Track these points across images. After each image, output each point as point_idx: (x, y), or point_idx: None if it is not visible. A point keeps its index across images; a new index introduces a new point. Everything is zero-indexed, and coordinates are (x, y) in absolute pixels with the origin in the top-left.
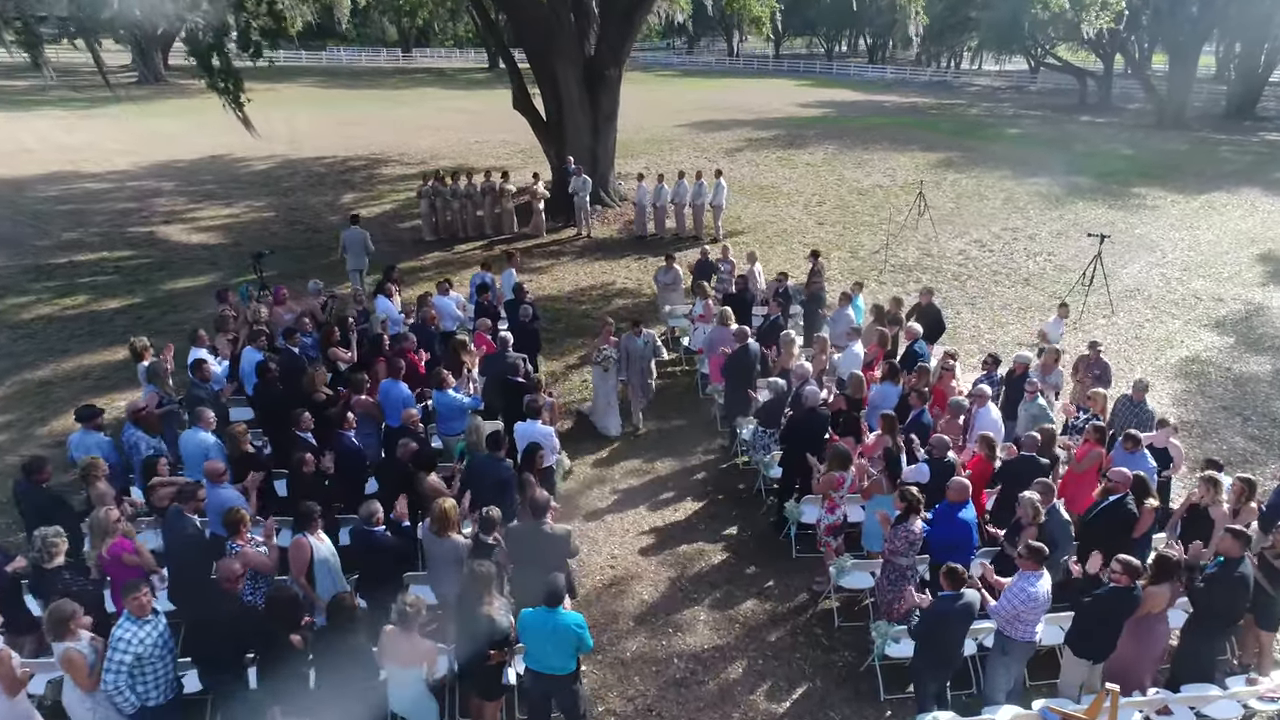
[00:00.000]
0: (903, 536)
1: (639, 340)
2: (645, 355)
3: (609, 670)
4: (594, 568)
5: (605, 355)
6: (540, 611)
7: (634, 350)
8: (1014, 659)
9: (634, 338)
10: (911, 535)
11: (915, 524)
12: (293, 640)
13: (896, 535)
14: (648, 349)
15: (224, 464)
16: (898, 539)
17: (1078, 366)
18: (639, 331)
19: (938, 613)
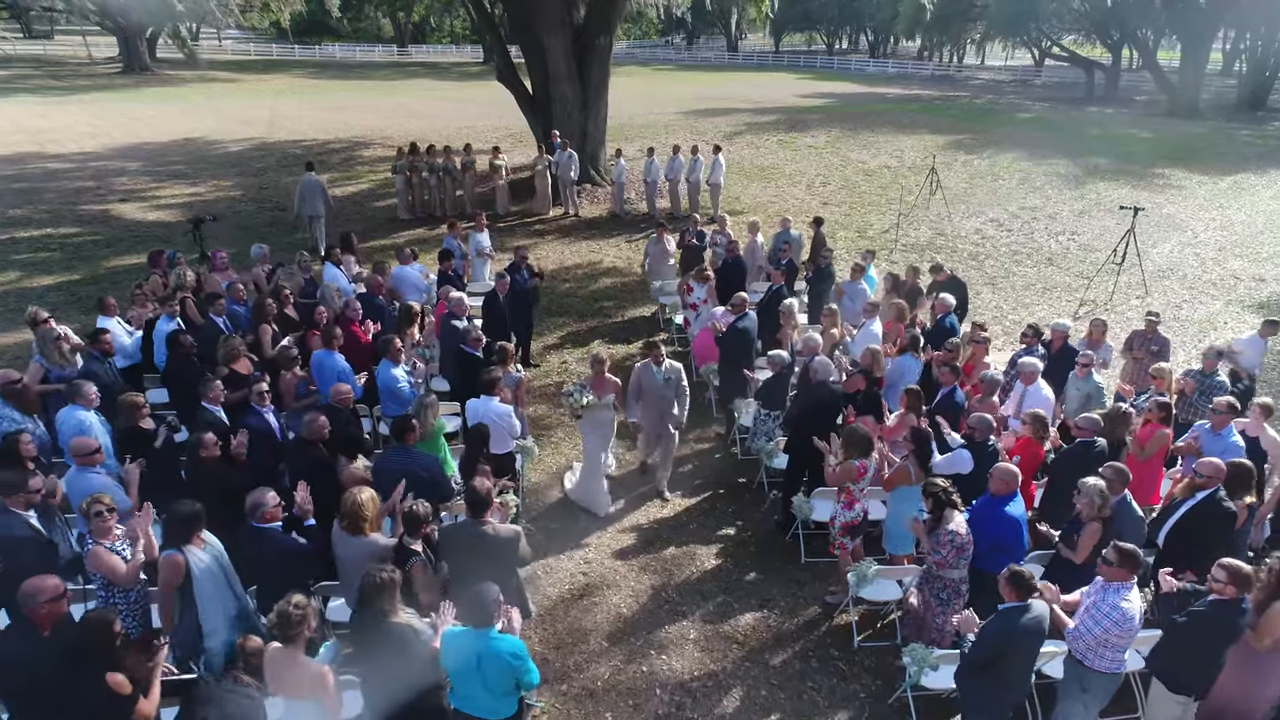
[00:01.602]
0: (949, 542)
1: (657, 372)
2: (666, 394)
3: (574, 704)
4: (562, 574)
5: (572, 394)
6: (465, 634)
7: (651, 387)
8: (1095, 696)
9: (651, 369)
10: (959, 539)
11: (959, 523)
12: (110, 682)
13: (942, 542)
14: (670, 386)
15: (97, 443)
16: (944, 546)
17: (1131, 342)
18: (658, 358)
19: (1002, 632)
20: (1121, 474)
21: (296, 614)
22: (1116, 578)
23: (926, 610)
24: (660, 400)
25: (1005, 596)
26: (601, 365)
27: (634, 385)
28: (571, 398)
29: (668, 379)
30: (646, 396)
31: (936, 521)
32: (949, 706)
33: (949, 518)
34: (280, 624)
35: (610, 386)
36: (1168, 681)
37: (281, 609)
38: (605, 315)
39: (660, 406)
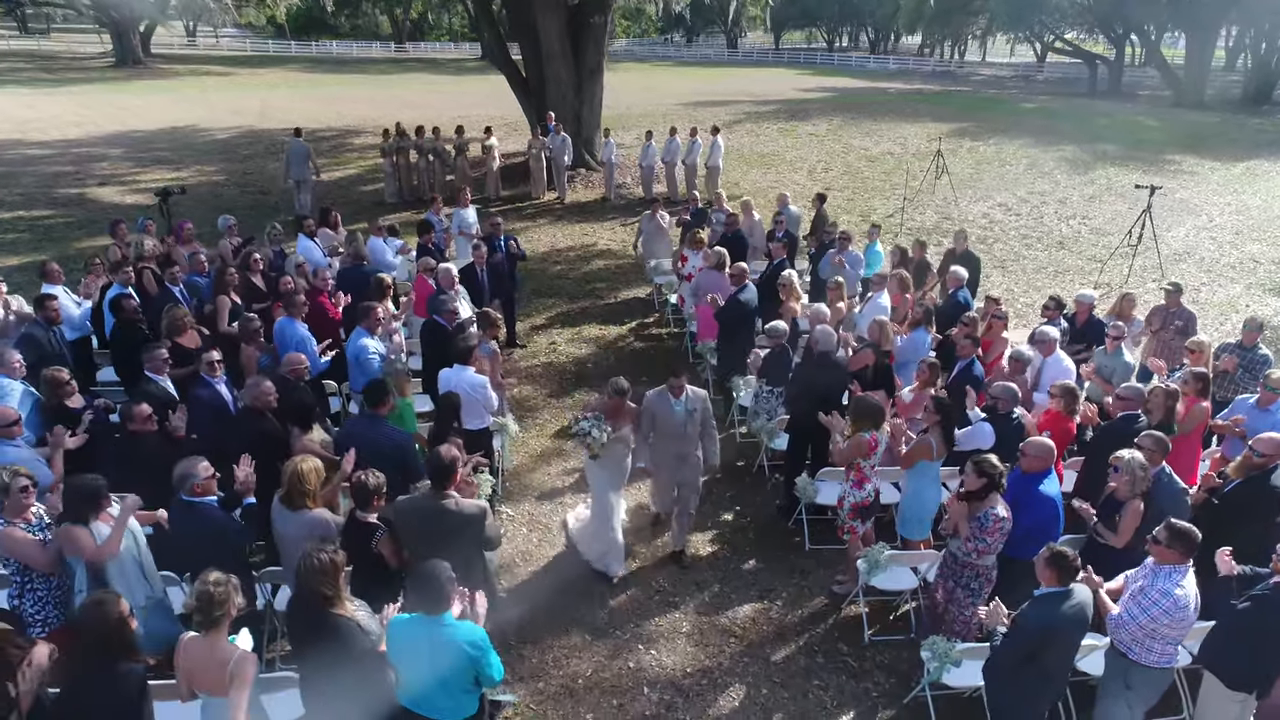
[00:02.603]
0: (997, 529)
1: (676, 404)
2: (688, 433)
3: (552, 704)
4: (542, 562)
5: (589, 431)
6: (414, 621)
7: (668, 420)
8: (1140, 695)
9: (668, 400)
10: (1005, 525)
11: (1004, 507)
12: None
13: (989, 528)
14: (693, 422)
15: (16, 414)
16: (992, 533)
17: (1153, 316)
18: (679, 388)
19: (1041, 621)
20: (1161, 443)
21: (219, 592)
22: (1168, 560)
23: (950, 601)
24: (680, 440)
25: (1044, 581)
26: (622, 396)
27: (645, 421)
28: (589, 436)
29: (690, 412)
30: (662, 435)
31: (981, 502)
32: (971, 707)
33: (993, 500)
34: (200, 606)
35: (629, 416)
36: (1224, 676)
37: (200, 589)
38: (597, 296)
39: (680, 448)
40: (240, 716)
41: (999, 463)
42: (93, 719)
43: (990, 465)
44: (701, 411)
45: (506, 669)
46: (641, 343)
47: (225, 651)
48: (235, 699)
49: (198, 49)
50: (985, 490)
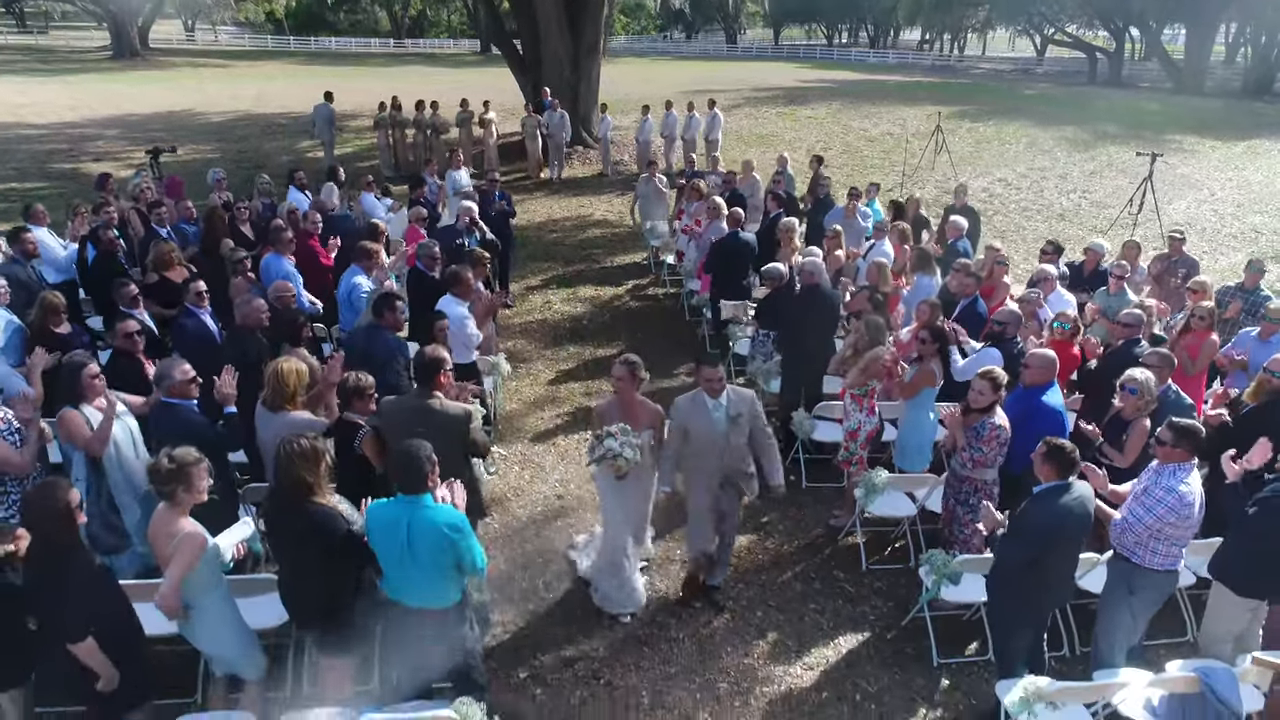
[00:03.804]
0: (994, 438)
1: (714, 407)
2: (734, 443)
3: (542, 625)
4: (535, 498)
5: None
6: (392, 503)
7: (706, 431)
8: (1144, 601)
9: (704, 403)
10: (1003, 435)
11: (1002, 417)
12: None
13: (986, 437)
14: (741, 425)
15: None
16: (989, 442)
17: (1155, 265)
18: (716, 385)
19: (1042, 517)
20: (1167, 359)
21: (166, 466)
22: (1173, 459)
23: (950, 521)
24: (723, 454)
25: (1043, 476)
26: (633, 377)
27: (674, 433)
28: (621, 459)
29: (734, 418)
30: (698, 451)
31: (983, 413)
32: (971, 629)
33: (991, 411)
34: (154, 476)
35: (647, 416)
36: (1233, 584)
37: (157, 460)
38: (593, 260)
39: (725, 464)
40: (169, 590)
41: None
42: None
43: (996, 375)
44: (749, 417)
45: (497, 592)
46: (637, 302)
47: (174, 526)
48: (170, 573)
49: (196, 45)
50: (991, 405)
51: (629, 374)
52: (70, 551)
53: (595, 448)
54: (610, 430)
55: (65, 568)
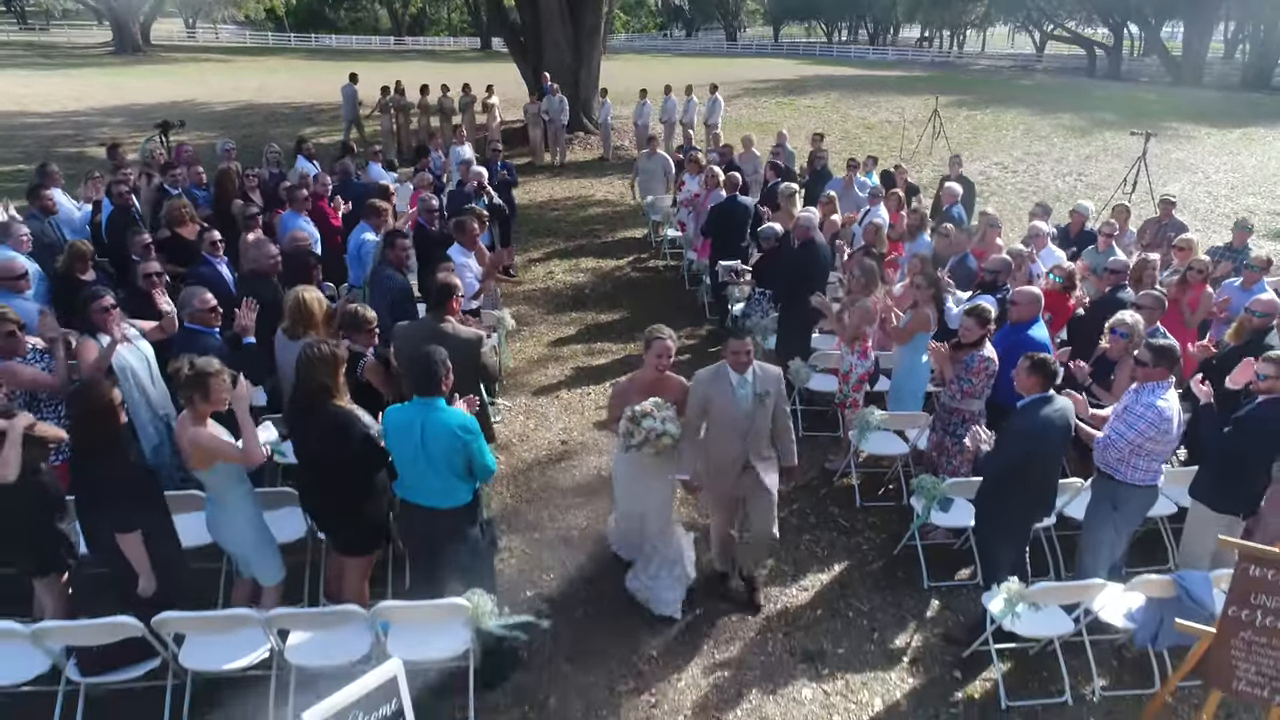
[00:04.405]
0: (983, 369)
1: (741, 385)
2: (758, 425)
3: (547, 549)
4: (539, 443)
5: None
6: (408, 406)
7: (728, 409)
8: (1126, 516)
9: (726, 378)
10: (991, 367)
11: (990, 350)
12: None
13: (974, 368)
14: (766, 405)
15: (25, 268)
16: (978, 373)
17: (1145, 229)
18: (743, 360)
19: (1025, 427)
20: (1159, 301)
21: (186, 373)
22: (1152, 377)
23: (939, 453)
24: (746, 436)
25: (1025, 390)
26: (665, 349)
27: (694, 411)
28: (665, 436)
29: (761, 396)
30: (718, 431)
31: (971, 347)
32: (961, 557)
33: (980, 344)
34: (174, 384)
35: (673, 390)
36: (1210, 501)
37: (175, 365)
38: (594, 235)
39: (748, 446)
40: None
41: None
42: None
43: (983, 310)
44: (775, 396)
45: (505, 525)
46: (638, 273)
47: (194, 432)
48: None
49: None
50: (980, 341)
51: (670, 350)
52: (115, 446)
53: (633, 431)
54: (645, 409)
55: (111, 461)
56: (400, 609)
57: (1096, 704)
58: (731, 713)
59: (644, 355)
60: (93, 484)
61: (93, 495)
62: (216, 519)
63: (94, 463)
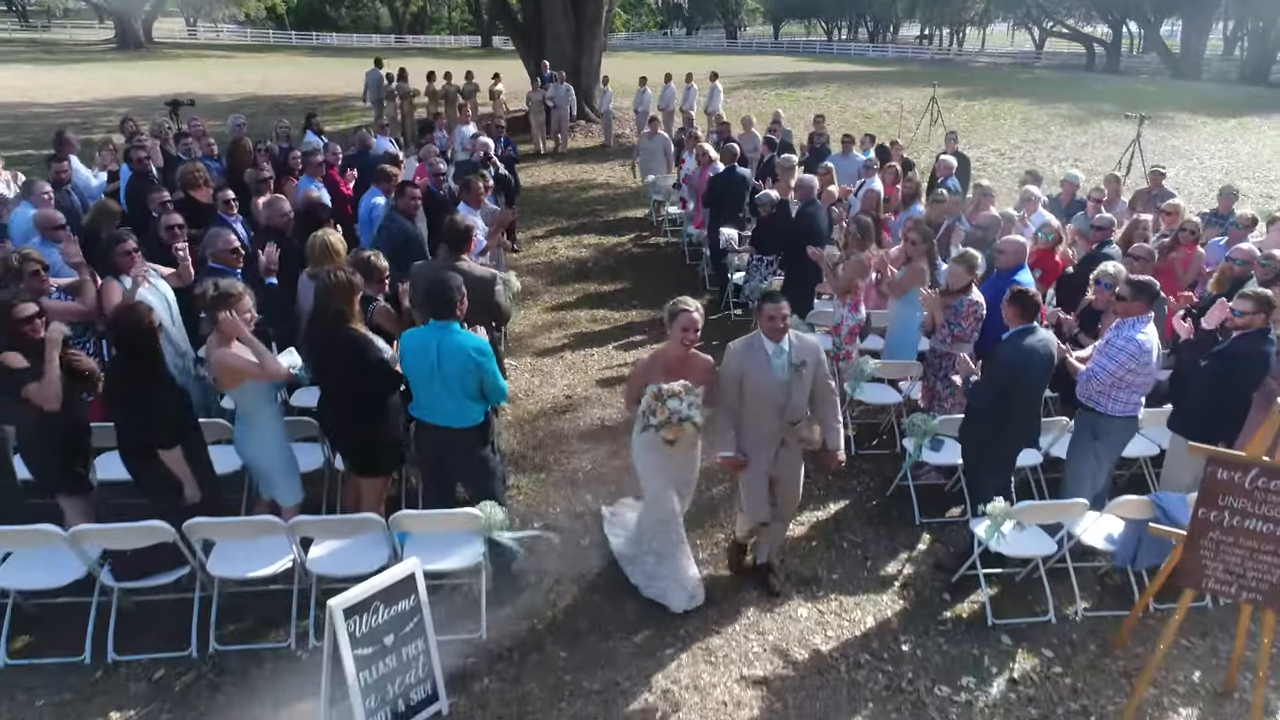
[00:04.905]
0: (971, 313)
1: (778, 354)
2: (795, 398)
3: (554, 489)
4: (544, 398)
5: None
6: (425, 329)
7: (765, 381)
8: (1107, 445)
9: (760, 347)
10: (980, 311)
11: (978, 295)
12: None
13: (961, 312)
14: (804, 376)
15: (62, 219)
16: (967, 317)
17: (1136, 201)
18: (778, 326)
19: (1009, 355)
20: (1149, 254)
21: (211, 293)
22: (1131, 312)
23: (931, 398)
24: (784, 410)
25: (1009, 321)
26: (691, 322)
27: (727, 382)
28: (688, 422)
29: (798, 366)
30: (755, 404)
31: (960, 292)
32: (952, 498)
33: (968, 290)
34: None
35: (700, 371)
36: (1188, 432)
37: (201, 289)
38: (596, 215)
39: (782, 422)
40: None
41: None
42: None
43: (970, 256)
44: (814, 366)
45: (513, 467)
46: (640, 249)
47: (216, 353)
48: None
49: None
50: (968, 287)
51: (696, 324)
52: (155, 365)
53: (655, 409)
54: (671, 389)
55: (151, 380)
56: (416, 517)
57: (1079, 623)
58: (730, 626)
59: (668, 330)
60: (134, 403)
61: (134, 415)
62: (245, 438)
63: (136, 383)
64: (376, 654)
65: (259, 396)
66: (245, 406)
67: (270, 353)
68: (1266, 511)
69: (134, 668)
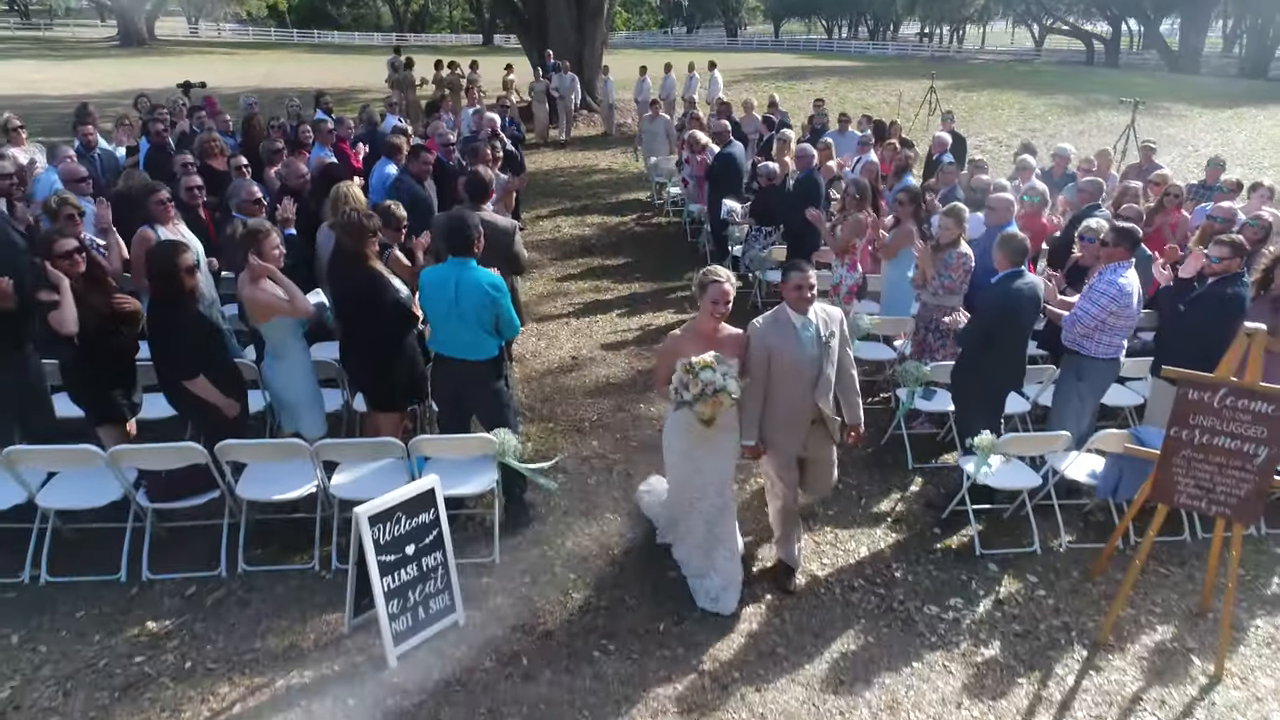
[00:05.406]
0: (960, 265)
1: (805, 328)
2: (823, 371)
3: (561, 436)
4: (552, 358)
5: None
6: (444, 266)
7: (794, 357)
8: (1091, 385)
9: (787, 321)
10: (968, 262)
11: (966, 248)
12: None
13: (950, 264)
14: (831, 350)
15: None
16: (953, 268)
17: (1128, 175)
18: (804, 290)
19: (998, 297)
20: (1137, 214)
21: (240, 232)
22: (1114, 258)
23: (922, 350)
24: (816, 385)
25: (997, 266)
26: (723, 294)
27: (755, 362)
28: (723, 392)
29: (825, 340)
30: (785, 382)
31: (949, 246)
32: (943, 446)
33: (957, 243)
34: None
35: (732, 345)
36: None
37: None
38: (599, 197)
39: (817, 398)
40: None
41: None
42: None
43: (959, 210)
44: (840, 339)
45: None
46: (642, 228)
47: (248, 289)
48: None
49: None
50: (957, 240)
51: (728, 295)
52: (183, 301)
53: (688, 383)
54: (703, 360)
55: (178, 314)
56: (433, 441)
57: (1063, 554)
58: None
59: (698, 302)
60: (167, 335)
61: (167, 345)
62: (273, 370)
63: (170, 315)
64: (399, 562)
65: (287, 331)
66: (275, 340)
67: (298, 290)
68: (1234, 429)
69: (167, 585)
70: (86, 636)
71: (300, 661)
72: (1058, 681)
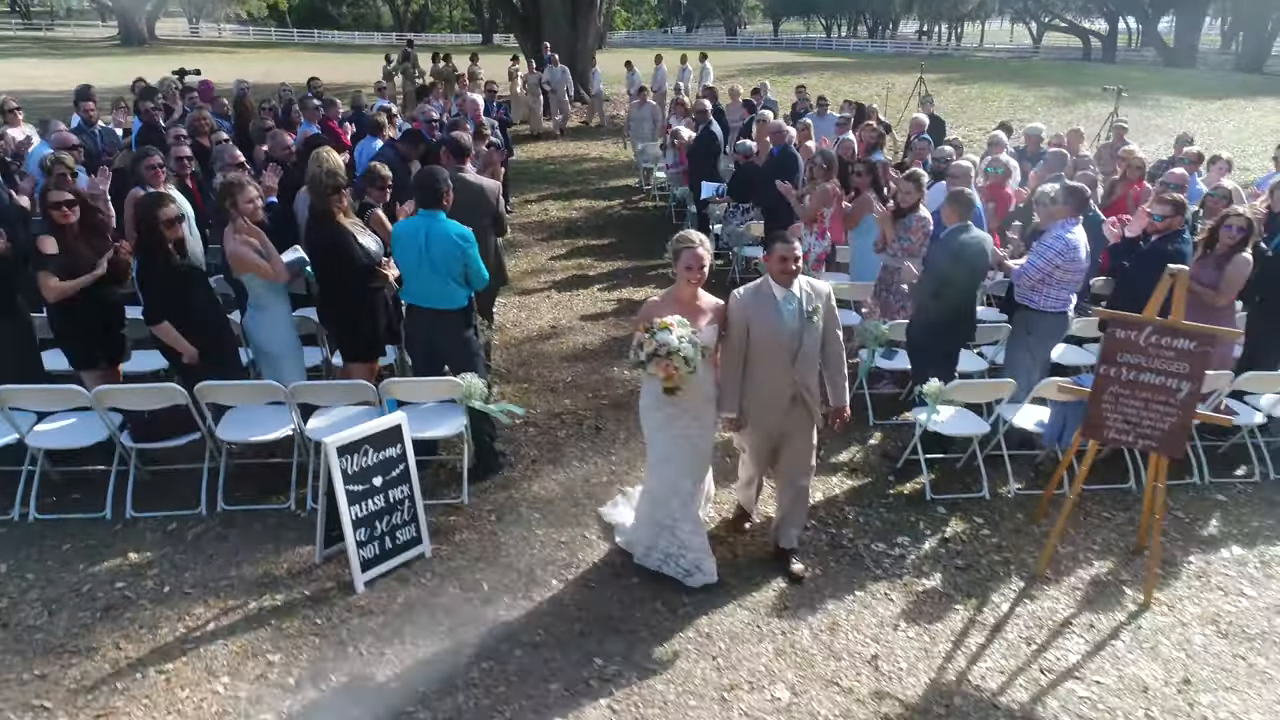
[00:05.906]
0: (920, 228)
1: (787, 301)
2: (807, 346)
3: (535, 395)
4: (532, 328)
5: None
6: (416, 218)
7: (773, 329)
8: (1039, 339)
9: (769, 292)
10: (927, 226)
11: (926, 212)
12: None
13: (910, 227)
14: (815, 326)
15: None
16: (916, 232)
17: (1101, 154)
18: (788, 263)
19: (946, 249)
20: (1091, 180)
21: (223, 187)
22: (1062, 215)
23: (883, 311)
24: (796, 361)
25: (946, 220)
26: (696, 259)
27: (733, 333)
28: (677, 355)
29: (809, 315)
30: (761, 355)
31: (910, 210)
32: (904, 407)
33: (918, 207)
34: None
35: (712, 313)
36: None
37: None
38: (587, 183)
39: (797, 375)
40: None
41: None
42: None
43: (918, 175)
44: (825, 314)
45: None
46: (628, 211)
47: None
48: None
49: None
50: (916, 205)
51: (702, 260)
52: (154, 252)
53: (643, 343)
54: (662, 322)
55: (151, 264)
56: (403, 383)
57: (1011, 499)
58: None
59: (673, 270)
60: (141, 281)
61: (141, 291)
62: (255, 321)
63: (144, 263)
64: (366, 492)
65: (272, 284)
66: (257, 290)
67: (277, 254)
68: (1159, 365)
69: (149, 522)
70: (71, 565)
71: (273, 587)
72: (993, 608)
